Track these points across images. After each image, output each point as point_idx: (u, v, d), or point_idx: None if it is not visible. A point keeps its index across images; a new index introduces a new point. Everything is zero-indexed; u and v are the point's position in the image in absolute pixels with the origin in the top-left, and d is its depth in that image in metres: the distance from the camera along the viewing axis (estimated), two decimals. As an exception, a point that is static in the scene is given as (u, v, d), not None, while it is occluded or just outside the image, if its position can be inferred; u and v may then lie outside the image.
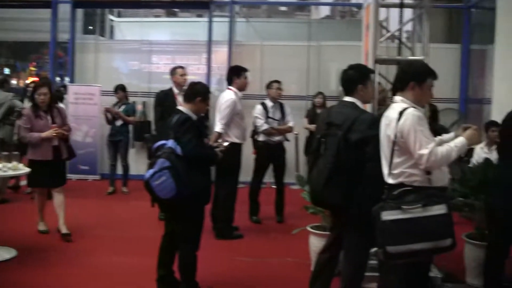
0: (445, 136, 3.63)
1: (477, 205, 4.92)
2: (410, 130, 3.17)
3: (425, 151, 3.13)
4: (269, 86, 7.23)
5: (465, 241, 4.98)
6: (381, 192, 3.39)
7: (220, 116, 6.22)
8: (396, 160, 3.28)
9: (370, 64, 4.64)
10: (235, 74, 6.46)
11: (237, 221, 6.64)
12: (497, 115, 6.01)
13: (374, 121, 3.63)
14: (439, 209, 3.16)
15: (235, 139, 6.24)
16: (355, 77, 3.87)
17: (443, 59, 9.73)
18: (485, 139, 6.83)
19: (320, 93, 9.43)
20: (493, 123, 6.53)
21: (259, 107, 7.09)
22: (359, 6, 14.52)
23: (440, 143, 3.35)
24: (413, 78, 3.34)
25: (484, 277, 4.56)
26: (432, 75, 3.42)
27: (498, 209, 4.35)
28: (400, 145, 3.24)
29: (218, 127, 6.18)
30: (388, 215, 3.17)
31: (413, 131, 3.16)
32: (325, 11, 22.54)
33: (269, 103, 7.14)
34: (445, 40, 11.06)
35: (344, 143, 3.62)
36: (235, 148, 6.16)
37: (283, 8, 20.69)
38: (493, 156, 5.81)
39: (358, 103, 3.85)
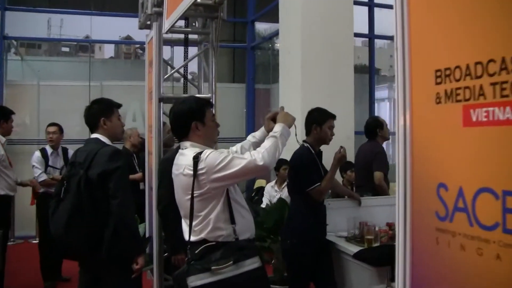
0: (247, 141, 3.36)
1: (274, 247, 4.69)
2: (217, 159, 2.64)
3: (246, 157, 2.67)
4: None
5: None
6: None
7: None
8: (197, 213, 2.71)
9: (154, 103, 4.21)
10: (2, 118, 5.64)
11: None
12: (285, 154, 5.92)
13: (115, 154, 3.34)
14: (252, 263, 2.73)
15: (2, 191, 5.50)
16: (97, 111, 3.54)
17: (230, 98, 9.82)
18: (276, 178, 6.83)
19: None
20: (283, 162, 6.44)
21: (37, 155, 6.11)
22: (143, 46, 14.04)
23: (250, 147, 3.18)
24: (192, 117, 2.85)
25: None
26: (209, 105, 3.01)
27: (288, 250, 4.11)
28: (202, 192, 2.67)
29: None
30: (195, 280, 2.65)
31: (221, 157, 2.65)
32: (109, 52, 21.85)
33: (49, 149, 6.20)
34: (229, 80, 11.21)
35: (86, 181, 3.22)
36: (4, 201, 5.50)
37: (65, 49, 19.47)
38: (284, 194, 5.70)
39: (103, 138, 3.50)
